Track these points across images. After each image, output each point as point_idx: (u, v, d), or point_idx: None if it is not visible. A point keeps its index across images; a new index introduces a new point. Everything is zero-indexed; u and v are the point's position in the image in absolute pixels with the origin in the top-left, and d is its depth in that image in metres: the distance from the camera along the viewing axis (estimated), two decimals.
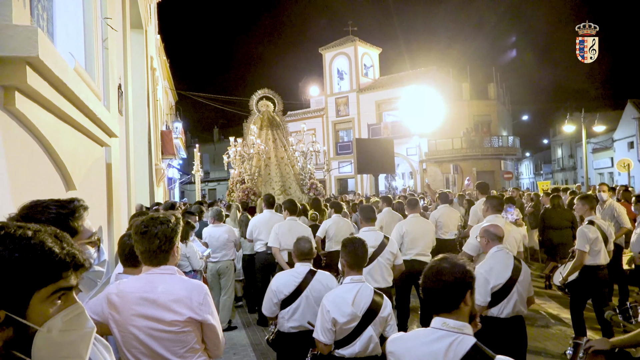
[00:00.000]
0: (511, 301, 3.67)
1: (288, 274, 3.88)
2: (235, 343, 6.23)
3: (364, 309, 2.97)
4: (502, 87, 32.00)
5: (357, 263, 3.11)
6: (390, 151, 16.67)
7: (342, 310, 2.94)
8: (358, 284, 3.05)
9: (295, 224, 6.22)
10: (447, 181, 27.16)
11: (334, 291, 3.14)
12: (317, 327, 3.05)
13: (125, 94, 5.95)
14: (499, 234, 3.87)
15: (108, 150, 4.44)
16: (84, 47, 3.78)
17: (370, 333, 2.97)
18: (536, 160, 52.75)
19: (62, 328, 1.06)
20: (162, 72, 18.55)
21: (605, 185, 7.65)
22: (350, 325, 2.95)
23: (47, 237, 1.07)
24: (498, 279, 3.66)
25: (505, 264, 3.73)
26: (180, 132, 21.06)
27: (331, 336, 2.98)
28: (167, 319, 2.21)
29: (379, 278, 4.94)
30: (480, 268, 3.71)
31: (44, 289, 1.04)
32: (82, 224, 1.80)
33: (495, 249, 3.83)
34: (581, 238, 5.36)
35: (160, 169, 13.56)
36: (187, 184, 33.15)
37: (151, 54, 12.34)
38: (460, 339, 1.79)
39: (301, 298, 3.67)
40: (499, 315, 3.67)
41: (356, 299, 2.97)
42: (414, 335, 1.99)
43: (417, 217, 6.18)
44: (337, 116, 31.70)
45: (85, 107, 2.99)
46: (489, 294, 3.64)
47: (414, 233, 5.94)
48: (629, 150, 27.78)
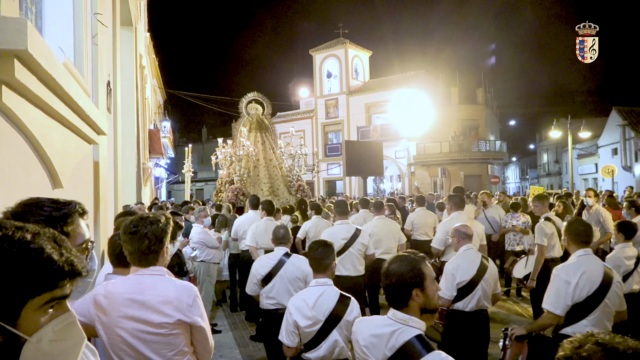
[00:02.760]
0: (475, 296, 3.91)
1: (266, 257, 4.37)
2: (221, 345, 6.17)
3: (326, 313, 2.96)
4: (490, 92, 32.33)
5: (318, 267, 3.13)
6: (379, 154, 16.75)
7: (303, 314, 2.98)
8: (322, 287, 3.06)
9: (271, 224, 6.40)
10: (435, 184, 27.33)
11: (299, 294, 3.20)
12: (282, 330, 3.08)
13: (114, 92, 5.86)
14: (468, 233, 4.13)
15: (96, 148, 4.36)
16: (74, 42, 3.70)
17: (336, 337, 2.95)
18: (522, 165, 53.37)
19: (52, 338, 1.00)
20: (151, 71, 18.38)
21: (591, 191, 7.75)
22: (313, 329, 2.96)
23: (46, 242, 1.01)
24: (464, 276, 3.91)
25: (472, 262, 3.98)
26: (169, 131, 20.89)
27: (295, 339, 3.02)
28: (155, 321, 2.17)
29: (350, 267, 5.43)
30: (449, 265, 4.03)
31: (38, 298, 0.98)
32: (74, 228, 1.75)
33: (464, 248, 4.09)
34: (539, 233, 5.96)
35: (148, 168, 13.45)
36: (174, 183, 32.91)
37: (140, 51, 12.21)
38: (403, 329, 1.95)
39: (276, 278, 4.11)
40: (463, 309, 3.93)
41: (318, 303, 2.98)
42: (371, 320, 2.20)
43: (383, 219, 6.60)
44: (326, 118, 31.71)
45: (74, 103, 2.92)
46: (455, 289, 3.92)
47: (379, 234, 6.29)
48: (612, 157, 28.21)
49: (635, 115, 27.25)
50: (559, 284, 3.33)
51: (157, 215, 2.31)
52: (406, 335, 1.93)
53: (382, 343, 1.98)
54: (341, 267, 5.32)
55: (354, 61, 31.70)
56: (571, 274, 3.30)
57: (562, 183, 37.05)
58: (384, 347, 1.97)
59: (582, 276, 3.26)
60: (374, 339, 2.02)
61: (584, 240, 3.47)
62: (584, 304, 3.25)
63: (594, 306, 3.24)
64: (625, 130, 26.71)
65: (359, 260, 5.52)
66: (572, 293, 3.25)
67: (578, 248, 3.45)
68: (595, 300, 3.24)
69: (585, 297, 3.24)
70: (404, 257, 2.07)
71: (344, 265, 5.37)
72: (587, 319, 3.23)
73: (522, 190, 46.44)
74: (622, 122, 26.80)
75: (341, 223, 5.68)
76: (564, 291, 3.28)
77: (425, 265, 2.04)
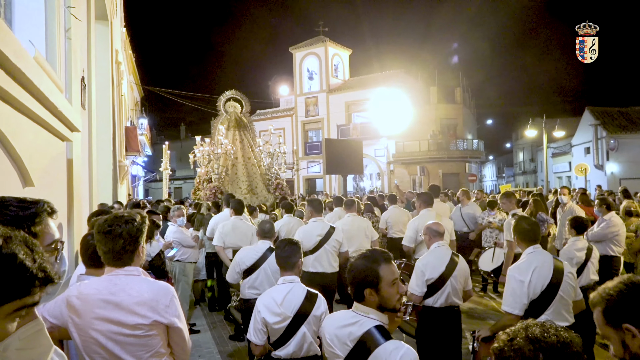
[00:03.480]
0: (445, 293, 3.99)
1: (251, 249, 4.57)
2: (200, 345, 6.10)
3: (294, 309, 3.01)
4: (468, 92, 32.77)
5: (284, 265, 3.18)
6: (358, 152, 16.77)
7: (272, 311, 3.02)
8: (290, 285, 3.11)
9: (239, 223, 6.37)
10: (414, 183, 27.59)
11: (267, 292, 3.23)
12: (250, 329, 3.11)
13: (88, 87, 5.72)
14: (439, 231, 4.21)
15: (69, 145, 4.25)
16: (46, 36, 3.59)
17: (304, 332, 3.00)
18: (499, 163, 54.29)
19: (19, 347, 0.97)
20: (127, 67, 18.04)
21: (566, 189, 7.93)
22: (281, 325, 3.00)
23: (19, 247, 0.97)
24: (433, 273, 4.00)
25: (442, 259, 4.06)
26: (146, 128, 20.57)
27: (262, 337, 3.05)
28: (131, 322, 2.12)
29: (326, 264, 5.52)
30: (419, 262, 4.13)
31: (8, 305, 0.94)
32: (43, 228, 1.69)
33: (435, 245, 4.18)
34: (508, 230, 5.91)
35: (124, 166, 13.22)
36: (151, 181, 32.42)
37: (116, 47, 11.97)
38: (363, 321, 2.05)
39: (260, 270, 4.37)
40: (433, 305, 4.01)
41: (286, 300, 3.03)
42: (336, 315, 2.29)
43: (354, 217, 6.64)
44: (306, 116, 31.68)
45: (46, 99, 2.84)
46: (424, 285, 4.00)
47: (350, 231, 6.32)
48: (585, 156, 28.93)
49: (607, 115, 28.00)
50: (513, 284, 3.41)
51: (133, 214, 2.25)
52: (366, 326, 2.03)
53: (345, 335, 2.08)
54: (317, 264, 5.47)
55: (334, 59, 31.72)
56: (523, 273, 3.38)
57: (538, 181, 37.83)
58: (346, 338, 2.07)
59: (534, 273, 3.35)
60: (338, 332, 2.12)
61: (531, 238, 3.54)
62: (540, 299, 3.34)
63: (550, 300, 3.33)
64: (597, 129, 27.41)
65: (334, 257, 5.64)
66: (526, 291, 3.33)
67: (527, 246, 3.52)
68: (550, 294, 3.33)
69: (539, 292, 3.33)
70: (366, 255, 2.12)
71: (319, 262, 5.49)
72: (546, 313, 3.31)
73: (498, 188, 47.28)
74: (595, 122, 27.49)
75: (315, 220, 5.79)
76: (519, 290, 3.36)
77: (385, 267, 2.06)
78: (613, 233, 6.32)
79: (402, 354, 1.90)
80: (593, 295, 1.61)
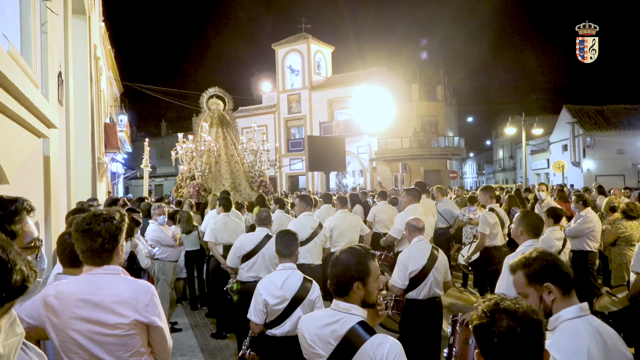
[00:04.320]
0: (427, 284, 4.17)
1: (250, 235, 5.00)
2: (182, 343, 6.06)
3: (292, 292, 3.27)
4: (450, 89, 33.11)
5: (284, 253, 3.44)
6: (341, 149, 16.85)
7: (272, 293, 3.28)
8: (289, 271, 3.38)
9: (229, 220, 6.48)
10: (396, 179, 27.78)
11: (267, 277, 3.49)
12: (251, 309, 3.38)
13: (66, 83, 5.61)
14: (419, 227, 4.42)
15: (46, 142, 4.15)
16: (20, 30, 3.50)
17: (299, 314, 3.19)
18: (479, 160, 55.05)
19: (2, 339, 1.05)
20: (106, 62, 17.71)
21: (544, 185, 8.10)
22: (280, 307, 3.27)
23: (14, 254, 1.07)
24: (415, 265, 4.16)
25: (423, 252, 4.24)
26: (126, 125, 20.24)
27: (262, 317, 3.34)
28: (110, 322, 2.08)
29: (315, 256, 5.78)
30: (402, 255, 4.29)
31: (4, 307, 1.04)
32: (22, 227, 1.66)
33: (416, 239, 4.36)
34: (483, 222, 6.37)
35: (104, 163, 13.00)
36: (132, 179, 31.95)
37: (95, 41, 11.74)
38: (346, 318, 2.04)
39: (258, 255, 4.77)
40: (417, 297, 4.17)
41: (285, 283, 3.30)
42: (315, 314, 2.29)
43: (345, 213, 6.80)
44: (289, 113, 31.60)
45: (21, 94, 2.77)
46: (407, 278, 4.16)
47: (342, 227, 6.52)
48: (563, 153, 29.54)
49: (584, 113, 28.63)
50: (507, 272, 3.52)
51: (111, 212, 2.22)
52: (349, 323, 2.02)
53: (327, 334, 2.05)
54: (307, 255, 5.69)
55: (316, 56, 31.68)
56: None
57: (517, 178, 38.49)
58: (329, 337, 2.05)
59: None
60: (319, 331, 2.10)
61: (536, 233, 3.71)
62: None
63: None
64: (574, 127, 28.01)
65: (320, 250, 5.90)
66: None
67: (528, 238, 3.68)
68: None
69: None
70: (354, 249, 2.14)
71: (310, 253, 5.74)
72: None
73: (478, 185, 47.93)
74: (572, 120, 28.07)
75: (307, 214, 6.05)
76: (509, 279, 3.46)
77: (372, 261, 2.12)
78: (589, 229, 6.48)
79: (389, 347, 1.93)
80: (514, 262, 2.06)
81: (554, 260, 1.99)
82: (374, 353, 1.93)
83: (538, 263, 1.97)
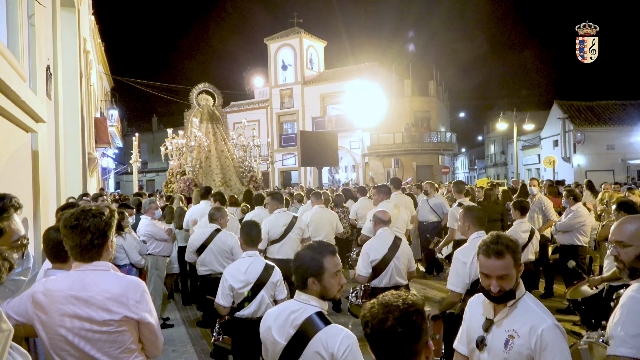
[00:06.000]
0: (388, 273, 4.42)
1: (200, 232, 5.35)
2: (174, 339, 6.03)
3: (255, 276, 3.59)
4: (442, 85, 33.16)
5: (250, 241, 3.74)
6: (334, 144, 16.81)
7: (237, 278, 3.59)
8: (252, 258, 3.69)
9: None
10: (389, 175, 27.83)
11: (232, 264, 3.81)
12: (218, 294, 3.66)
13: (54, 77, 5.53)
14: (384, 219, 4.64)
15: (34, 137, 4.10)
16: (6, 22, 3.44)
17: (262, 295, 3.59)
18: (471, 155, 55.29)
19: None
20: (96, 56, 17.52)
21: (535, 180, 8.15)
22: (244, 289, 3.59)
23: None
24: (376, 254, 4.42)
25: (384, 242, 4.49)
26: (116, 119, 20.08)
27: (229, 300, 3.63)
28: (100, 318, 2.06)
29: (290, 251, 5.78)
30: (365, 245, 4.54)
31: None
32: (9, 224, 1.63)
33: (380, 230, 4.60)
34: (451, 217, 6.49)
35: (94, 158, 12.90)
36: (123, 174, 31.74)
37: (84, 35, 11.60)
38: (305, 308, 2.16)
39: (207, 249, 5.15)
40: (379, 284, 4.41)
41: (249, 269, 3.62)
42: (279, 306, 2.37)
43: (322, 208, 6.93)
44: (281, 108, 31.48)
45: (7, 88, 2.72)
46: (369, 267, 4.41)
47: (317, 222, 6.68)
48: (554, 148, 29.73)
49: (574, 109, 28.82)
50: (457, 265, 3.74)
51: (101, 208, 2.19)
52: (307, 313, 2.14)
53: (288, 323, 2.16)
54: (282, 251, 5.84)
55: (308, 51, 31.55)
56: (467, 255, 3.72)
57: (508, 173, 38.73)
58: (289, 326, 2.16)
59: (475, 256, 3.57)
60: (280, 319, 2.21)
61: (481, 224, 3.91)
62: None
63: None
64: (565, 123, 28.20)
65: (297, 244, 5.93)
66: (468, 272, 3.67)
67: (474, 231, 3.87)
68: None
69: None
70: (312, 246, 2.24)
71: (284, 249, 5.84)
72: None
73: (470, 180, 48.18)
74: (563, 115, 28.25)
75: (280, 212, 6.11)
76: (462, 271, 3.70)
77: (329, 259, 2.19)
78: (580, 223, 6.53)
79: (341, 338, 2.01)
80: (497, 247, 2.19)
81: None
82: (326, 342, 2.01)
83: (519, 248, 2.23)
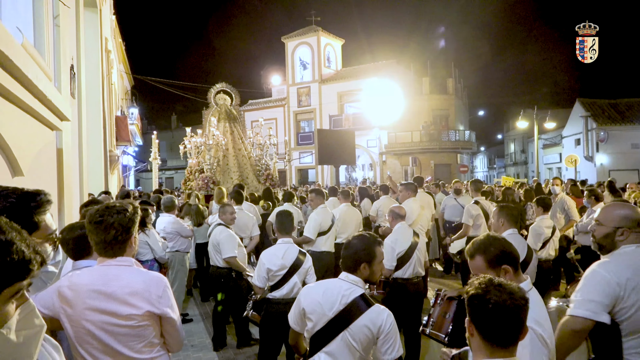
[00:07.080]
0: (412, 264, 4.66)
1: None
2: (193, 334, 6.11)
3: (291, 261, 3.95)
4: (460, 83, 32.76)
5: (284, 229, 4.12)
6: (351, 142, 16.76)
7: (274, 262, 3.96)
8: (287, 245, 4.06)
9: (241, 213, 6.66)
10: (406, 173, 27.65)
11: (269, 249, 4.14)
12: (255, 275, 4.10)
13: (77, 76, 5.64)
14: (401, 214, 4.86)
15: (59, 135, 4.19)
16: (33, 23, 3.52)
17: (295, 280, 3.95)
18: (490, 154, 54.51)
19: (17, 328, 1.03)
20: (117, 55, 17.80)
21: (558, 179, 8.01)
22: (280, 273, 3.95)
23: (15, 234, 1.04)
24: (401, 247, 4.64)
25: (406, 236, 4.73)
26: (136, 118, 20.39)
27: (264, 282, 4.03)
28: (123, 312, 2.10)
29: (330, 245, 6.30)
30: (387, 240, 4.68)
31: (8, 289, 1.01)
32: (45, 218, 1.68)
33: (399, 225, 4.80)
34: (466, 214, 6.76)
35: (115, 155, 13.12)
36: (142, 171, 32.18)
37: (106, 35, 11.80)
38: (353, 289, 2.43)
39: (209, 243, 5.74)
40: (403, 276, 4.65)
41: (285, 254, 3.98)
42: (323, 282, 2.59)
43: (349, 206, 7.12)
44: (298, 106, 31.54)
45: (34, 87, 2.78)
46: (394, 260, 4.61)
47: (345, 219, 6.86)
48: (575, 147, 29.12)
49: (597, 107, 28.19)
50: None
51: (124, 204, 2.23)
52: (355, 293, 2.41)
53: (336, 297, 2.41)
54: (328, 243, 6.34)
55: (326, 49, 31.52)
56: None
57: (528, 172, 38.08)
58: (337, 302, 2.40)
59: None
60: (331, 297, 2.42)
61: (515, 222, 4.01)
62: None
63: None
64: (587, 121, 27.59)
65: (334, 240, 6.48)
66: None
67: (508, 228, 3.94)
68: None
69: None
70: (364, 236, 2.54)
71: (331, 242, 6.38)
72: None
73: (489, 179, 47.54)
74: (585, 114, 27.65)
75: (323, 207, 6.58)
76: None
77: (379, 249, 2.52)
78: None
79: (387, 314, 2.38)
80: (470, 247, 2.30)
81: (507, 245, 2.27)
82: (374, 318, 2.35)
83: (495, 248, 2.23)
